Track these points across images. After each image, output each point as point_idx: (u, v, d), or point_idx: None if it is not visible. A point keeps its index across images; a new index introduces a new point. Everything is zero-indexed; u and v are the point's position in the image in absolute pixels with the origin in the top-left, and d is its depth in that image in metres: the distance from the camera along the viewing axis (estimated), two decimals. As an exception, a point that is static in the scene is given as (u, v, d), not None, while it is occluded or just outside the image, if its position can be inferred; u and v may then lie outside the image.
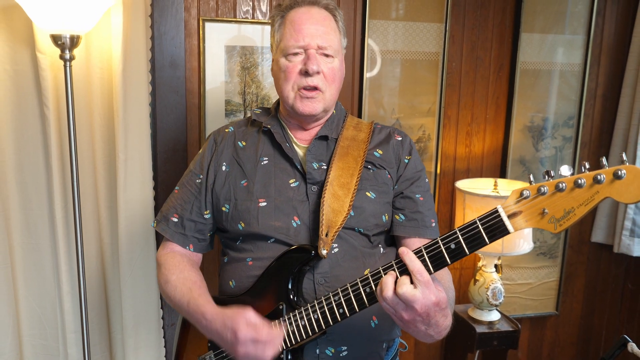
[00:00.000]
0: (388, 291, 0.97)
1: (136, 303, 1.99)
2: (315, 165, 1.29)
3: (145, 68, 1.93)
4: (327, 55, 1.26)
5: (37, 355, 2.00)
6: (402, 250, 1.00)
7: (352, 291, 1.07)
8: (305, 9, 1.27)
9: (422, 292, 0.95)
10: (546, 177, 0.91)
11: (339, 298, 1.08)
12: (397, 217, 1.31)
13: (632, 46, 2.39)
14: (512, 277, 2.54)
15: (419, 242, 1.28)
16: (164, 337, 2.09)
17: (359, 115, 2.25)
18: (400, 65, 2.26)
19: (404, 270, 0.99)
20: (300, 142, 1.35)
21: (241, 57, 2.10)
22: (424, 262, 0.99)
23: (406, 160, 1.34)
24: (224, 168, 1.32)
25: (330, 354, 1.18)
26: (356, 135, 1.34)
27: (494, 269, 2.30)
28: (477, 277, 2.30)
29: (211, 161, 1.33)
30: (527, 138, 2.44)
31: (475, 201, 2.12)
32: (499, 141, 2.45)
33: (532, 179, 0.94)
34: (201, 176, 1.33)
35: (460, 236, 0.98)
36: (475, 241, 0.97)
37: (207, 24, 2.05)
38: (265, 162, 1.30)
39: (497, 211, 0.94)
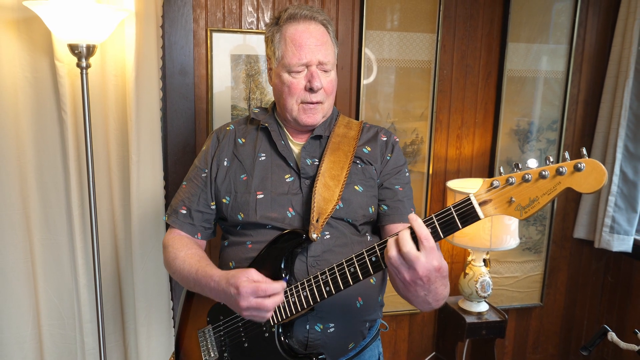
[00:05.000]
0: (392, 251, 0.96)
1: (148, 295, 2.00)
2: (308, 161, 1.30)
3: (156, 75, 1.93)
4: (325, 71, 1.27)
5: (56, 344, 2.00)
6: (412, 216, 0.97)
7: (338, 271, 1.09)
8: (304, 25, 1.25)
9: (426, 256, 0.95)
10: (515, 169, 0.93)
11: (326, 277, 1.11)
12: (381, 208, 1.34)
13: (612, 55, 2.39)
14: (499, 271, 2.54)
15: (400, 228, 1.28)
16: (174, 326, 2.09)
17: (357, 120, 2.24)
18: (395, 73, 2.26)
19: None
20: (295, 139, 1.36)
21: (246, 65, 2.10)
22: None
23: (388, 158, 1.36)
24: (225, 163, 1.33)
25: (319, 330, 1.21)
26: (347, 133, 1.36)
27: (483, 263, 2.30)
28: (466, 271, 2.30)
29: (214, 156, 1.35)
30: (513, 141, 2.44)
31: (465, 200, 2.12)
32: (487, 144, 2.45)
33: (502, 170, 0.96)
34: (206, 170, 1.34)
35: (435, 221, 0.99)
36: (449, 226, 0.98)
37: (215, 34, 2.05)
38: (262, 158, 1.32)
39: (469, 199, 0.96)
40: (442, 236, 0.98)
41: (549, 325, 2.71)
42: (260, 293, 1.05)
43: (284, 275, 1.19)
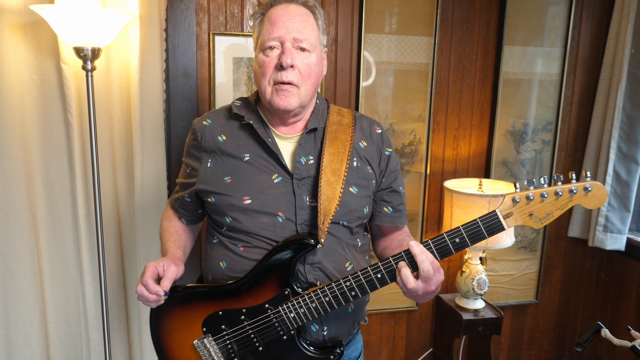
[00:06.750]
0: (411, 283, 1.07)
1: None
2: (303, 161, 1.21)
3: (160, 78, 1.93)
4: (303, 50, 1.17)
5: (62, 340, 2.00)
6: (414, 242, 1.08)
7: (364, 277, 1.12)
8: (284, 5, 1.19)
9: (435, 275, 1.08)
10: (528, 184, 1.07)
11: (351, 283, 1.12)
12: (385, 209, 1.30)
13: (605, 57, 2.39)
14: (495, 269, 2.54)
15: (396, 230, 1.35)
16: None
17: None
18: (393, 75, 2.26)
19: (410, 258, 1.09)
20: (282, 132, 1.25)
21: (248, 67, 2.10)
22: (432, 252, 1.09)
23: (387, 153, 1.30)
24: (209, 164, 1.24)
25: (315, 330, 1.21)
26: (341, 120, 1.28)
27: (479, 261, 2.30)
28: (463, 269, 2.30)
29: (196, 156, 1.27)
30: (509, 142, 2.44)
31: (462, 199, 2.12)
32: (484, 144, 2.45)
33: (517, 185, 1.08)
34: (190, 168, 1.29)
35: (463, 232, 1.08)
36: (477, 236, 1.08)
37: (217, 38, 2.05)
38: (247, 158, 1.22)
39: (495, 213, 1.08)
40: (470, 244, 1.09)
41: (544, 322, 2.71)
42: (146, 289, 1.15)
43: (296, 287, 1.16)
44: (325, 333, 1.22)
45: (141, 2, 1.82)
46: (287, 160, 1.23)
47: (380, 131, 1.32)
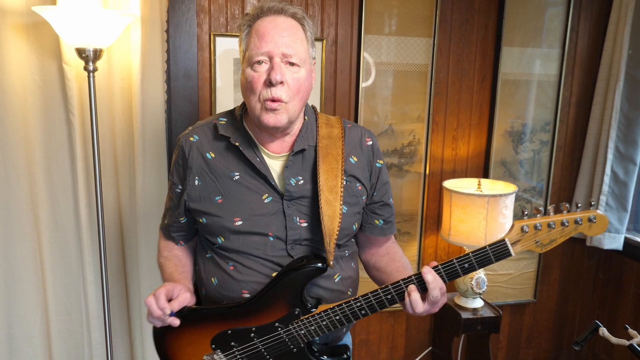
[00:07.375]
0: (419, 307, 1.12)
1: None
2: (293, 182, 1.19)
3: (161, 78, 1.94)
4: (292, 64, 1.13)
5: (64, 339, 2.01)
6: (427, 269, 1.11)
7: (374, 298, 1.14)
8: (272, 17, 1.13)
9: (441, 299, 1.14)
10: (536, 214, 1.12)
11: (361, 304, 1.14)
12: (376, 221, 1.31)
13: (603, 58, 2.40)
14: (494, 268, 2.54)
15: (385, 240, 1.37)
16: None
17: (355, 121, 2.25)
18: (393, 76, 2.26)
19: (421, 282, 1.12)
20: (271, 150, 1.22)
21: (248, 68, 2.10)
22: (441, 276, 1.13)
23: (379, 165, 1.29)
24: (196, 182, 1.22)
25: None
26: (331, 132, 1.25)
27: (478, 261, 2.30)
28: (462, 268, 2.30)
29: (183, 173, 1.24)
30: (507, 142, 2.44)
31: (461, 199, 2.13)
32: (482, 145, 2.45)
33: (526, 212, 1.13)
34: (180, 187, 1.26)
35: (472, 258, 1.11)
36: (485, 261, 1.12)
37: (218, 39, 2.05)
38: (236, 177, 1.20)
39: (505, 242, 1.11)
40: (477, 269, 1.12)
41: (542, 321, 2.71)
42: (155, 301, 1.14)
43: (305, 306, 1.16)
44: (316, 339, 1.23)
45: (142, 3, 1.82)
46: (277, 179, 1.21)
47: (371, 142, 1.29)
